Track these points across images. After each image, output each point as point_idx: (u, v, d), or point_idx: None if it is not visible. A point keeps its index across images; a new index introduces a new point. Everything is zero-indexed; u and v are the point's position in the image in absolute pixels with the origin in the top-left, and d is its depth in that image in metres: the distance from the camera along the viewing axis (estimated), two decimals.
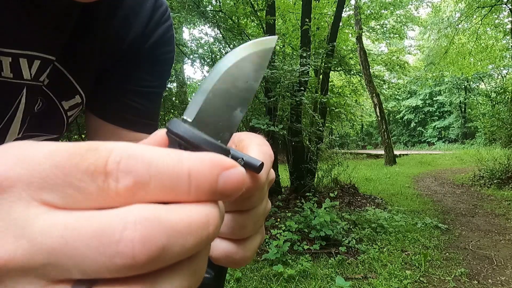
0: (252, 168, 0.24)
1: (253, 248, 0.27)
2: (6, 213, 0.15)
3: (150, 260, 0.15)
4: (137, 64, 0.57)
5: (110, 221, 0.15)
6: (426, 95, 29.66)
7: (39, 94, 0.49)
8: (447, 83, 26.95)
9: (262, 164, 0.24)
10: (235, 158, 0.23)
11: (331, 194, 5.21)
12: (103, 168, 0.15)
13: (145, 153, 0.16)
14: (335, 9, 6.55)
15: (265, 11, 5.49)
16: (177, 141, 0.20)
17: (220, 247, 0.26)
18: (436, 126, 29.62)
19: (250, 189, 0.24)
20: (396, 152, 15.65)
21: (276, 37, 0.24)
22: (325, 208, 3.95)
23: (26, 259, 0.15)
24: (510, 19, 11.93)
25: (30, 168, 0.15)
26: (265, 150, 0.26)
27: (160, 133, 0.22)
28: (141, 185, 0.16)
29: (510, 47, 13.97)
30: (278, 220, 4.13)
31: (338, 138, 7.83)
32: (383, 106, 14.32)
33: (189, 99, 9.26)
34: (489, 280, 2.86)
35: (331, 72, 8.18)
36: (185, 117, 0.21)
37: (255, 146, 0.26)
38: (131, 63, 0.57)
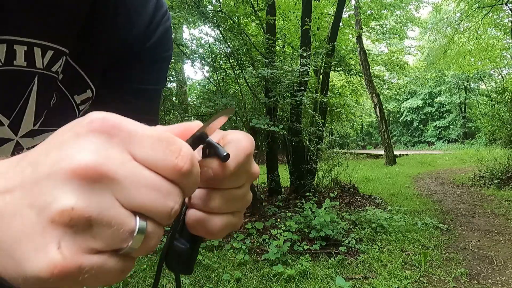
0: (219, 157, 0.29)
1: (222, 222, 0.32)
2: (109, 147, 0.22)
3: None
4: (138, 63, 0.59)
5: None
6: (426, 95, 29.65)
7: (54, 87, 0.51)
8: (447, 83, 26.94)
9: (228, 155, 0.29)
10: (209, 146, 0.30)
11: (331, 194, 5.21)
12: (178, 153, 0.24)
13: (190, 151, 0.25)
14: (335, 9, 6.55)
15: (265, 11, 5.49)
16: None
17: (195, 215, 0.31)
18: (436, 126, 29.61)
19: (218, 174, 0.29)
20: (396, 152, 15.64)
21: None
22: (325, 208, 3.95)
23: (117, 175, 0.22)
24: (510, 19, 11.93)
25: (133, 127, 0.24)
26: (240, 146, 0.31)
27: (179, 129, 0.29)
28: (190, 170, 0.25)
29: (510, 47, 13.97)
30: (278, 220, 4.13)
31: (338, 138, 7.81)
32: (383, 106, 14.33)
33: (189, 99, 9.25)
34: (489, 280, 2.86)
35: (331, 72, 8.19)
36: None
37: (233, 141, 0.31)
38: (133, 62, 0.58)
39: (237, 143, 0.31)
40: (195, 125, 0.29)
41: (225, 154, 0.29)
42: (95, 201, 0.21)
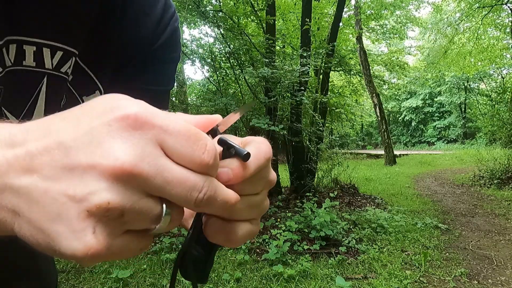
0: (240, 156, 0.29)
1: (242, 230, 0.31)
2: (142, 146, 0.24)
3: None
4: (146, 63, 0.58)
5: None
6: (426, 95, 29.65)
7: (63, 88, 0.51)
8: (447, 83, 26.94)
9: (249, 153, 0.29)
10: (230, 147, 0.30)
11: (331, 194, 5.21)
12: (204, 148, 0.26)
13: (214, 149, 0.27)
14: (335, 9, 6.55)
15: (265, 11, 5.49)
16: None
17: (215, 222, 0.31)
18: (436, 126, 29.60)
19: (238, 174, 0.29)
20: (396, 152, 15.64)
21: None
22: (325, 208, 3.95)
23: (149, 174, 0.23)
24: (510, 19, 11.92)
25: (164, 122, 0.25)
26: (260, 148, 0.31)
27: (203, 121, 0.31)
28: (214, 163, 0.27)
29: (510, 47, 13.97)
30: (278, 220, 4.13)
31: (338, 138, 7.81)
32: (383, 106, 14.33)
33: (189, 99, 9.24)
34: (489, 280, 2.86)
35: (331, 72, 8.18)
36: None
37: (253, 144, 0.32)
38: (140, 63, 0.58)
39: (257, 146, 0.31)
40: (215, 118, 0.31)
41: (245, 153, 0.29)
42: (128, 196, 0.23)
